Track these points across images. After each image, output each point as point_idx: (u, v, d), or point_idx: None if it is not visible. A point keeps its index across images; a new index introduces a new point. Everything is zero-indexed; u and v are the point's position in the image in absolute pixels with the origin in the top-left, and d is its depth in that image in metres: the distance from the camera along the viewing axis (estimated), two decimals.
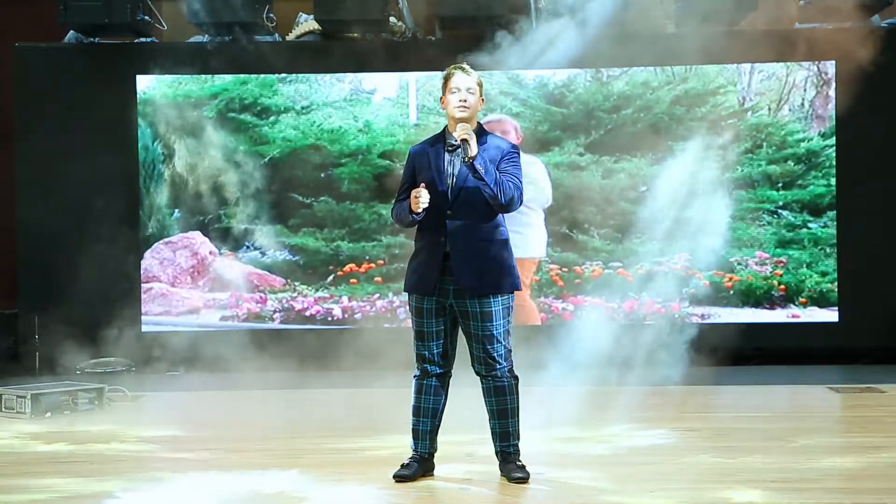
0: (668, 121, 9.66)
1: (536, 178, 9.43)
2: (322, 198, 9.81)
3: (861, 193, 9.45)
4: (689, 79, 9.66)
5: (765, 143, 9.59)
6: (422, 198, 4.83)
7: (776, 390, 8.13)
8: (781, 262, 9.56)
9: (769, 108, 9.64)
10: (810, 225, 9.54)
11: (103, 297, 9.41)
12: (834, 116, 9.48)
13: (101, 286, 9.52)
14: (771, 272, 9.56)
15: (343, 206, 9.81)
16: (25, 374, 9.08)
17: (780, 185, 9.58)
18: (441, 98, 5.05)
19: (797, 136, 9.59)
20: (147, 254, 9.87)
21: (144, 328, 9.76)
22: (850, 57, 8.73)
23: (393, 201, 5.19)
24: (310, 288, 9.80)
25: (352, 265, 9.79)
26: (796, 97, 9.62)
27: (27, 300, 9.83)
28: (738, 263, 9.60)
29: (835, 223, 9.49)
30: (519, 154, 5.04)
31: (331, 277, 9.81)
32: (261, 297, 9.80)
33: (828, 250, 9.52)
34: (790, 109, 9.62)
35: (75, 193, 9.72)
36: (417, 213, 4.88)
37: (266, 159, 9.83)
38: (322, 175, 9.83)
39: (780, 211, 9.59)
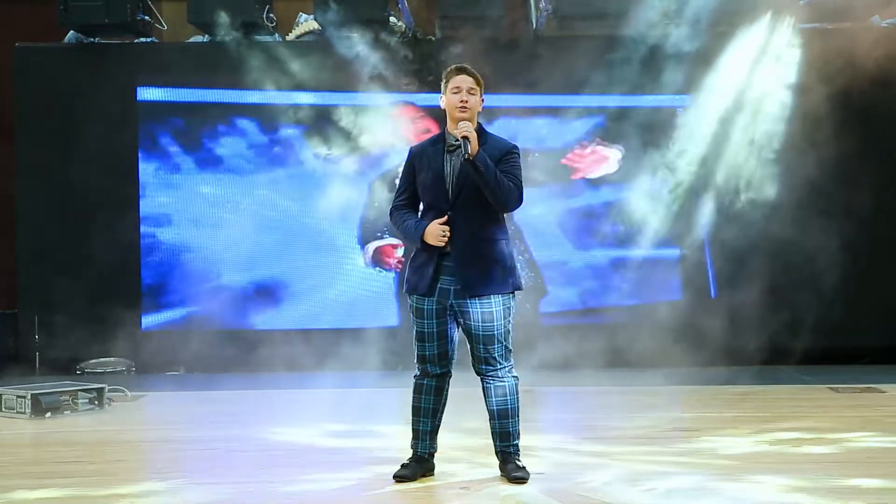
0: None
1: None
2: None
3: (861, 193, 9.44)
4: None
5: None
6: (445, 236, 4.86)
7: (775, 390, 8.13)
8: None
9: None
10: None
11: (103, 298, 9.41)
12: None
13: (101, 286, 9.52)
14: None
15: None
16: (25, 374, 9.08)
17: None
18: (441, 97, 5.04)
19: None
20: None
21: (144, 328, 9.76)
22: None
23: (392, 202, 5.16)
24: None
25: None
26: None
27: (27, 300, 9.84)
28: None
29: None
30: (519, 154, 5.03)
31: None
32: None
33: None
34: None
35: (75, 193, 9.72)
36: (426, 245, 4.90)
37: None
38: None
39: None
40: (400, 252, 9.73)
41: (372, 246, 9.76)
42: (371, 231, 9.79)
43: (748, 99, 9.44)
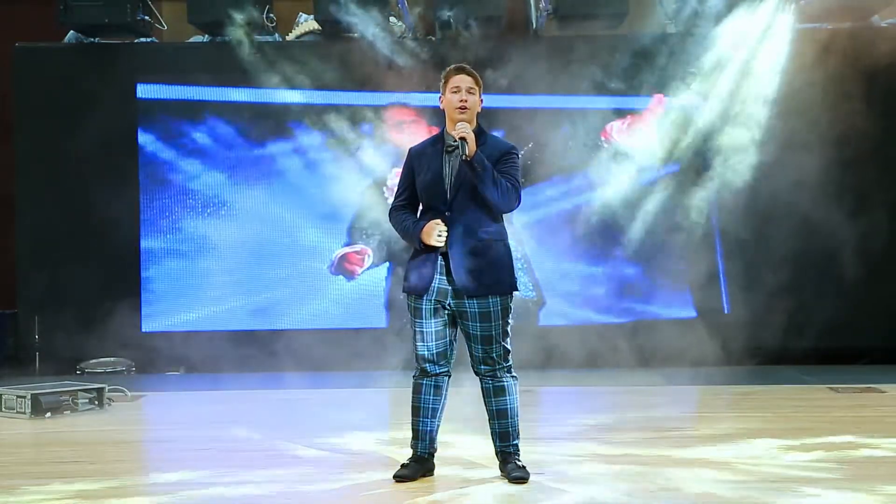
0: None
1: None
2: None
3: (864, 195, 9.44)
4: None
5: None
6: (442, 235, 4.86)
7: (775, 390, 8.13)
8: None
9: None
10: None
11: (103, 298, 9.41)
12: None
13: (101, 286, 9.53)
14: None
15: None
16: (25, 374, 9.08)
17: None
18: (440, 97, 5.04)
19: None
20: None
21: (144, 328, 9.76)
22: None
23: (391, 203, 5.16)
24: None
25: None
26: None
27: (27, 300, 9.84)
28: None
29: None
30: (518, 155, 5.03)
31: None
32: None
33: None
34: None
35: (75, 193, 9.72)
36: (425, 246, 4.89)
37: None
38: None
39: None
40: (368, 260, 9.71)
41: (339, 252, 9.76)
42: (359, 234, 9.80)
43: (751, 99, 9.45)
